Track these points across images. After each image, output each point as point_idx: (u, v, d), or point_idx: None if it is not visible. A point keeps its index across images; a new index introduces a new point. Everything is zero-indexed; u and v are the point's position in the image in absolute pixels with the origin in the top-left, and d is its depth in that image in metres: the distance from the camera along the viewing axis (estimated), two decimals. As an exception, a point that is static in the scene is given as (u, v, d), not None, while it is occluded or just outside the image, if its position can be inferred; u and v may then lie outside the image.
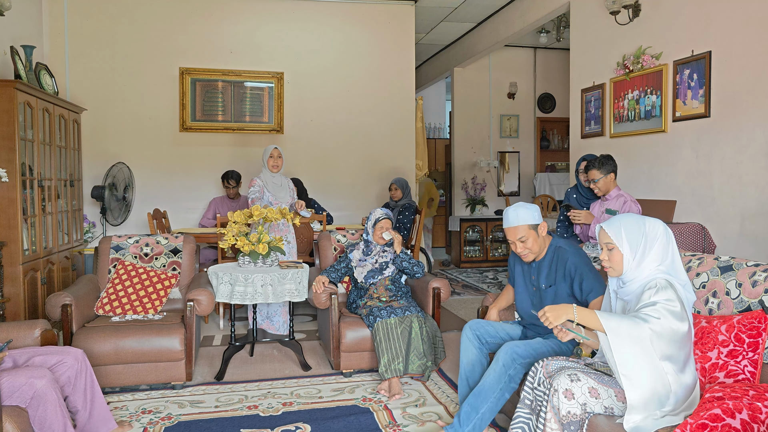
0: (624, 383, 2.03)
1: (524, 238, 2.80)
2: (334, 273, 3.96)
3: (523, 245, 2.81)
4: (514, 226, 2.81)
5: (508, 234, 2.84)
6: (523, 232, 2.80)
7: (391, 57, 6.93)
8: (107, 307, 3.74)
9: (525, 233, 2.80)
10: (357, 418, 3.09)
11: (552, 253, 2.85)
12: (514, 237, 2.82)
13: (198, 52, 6.40)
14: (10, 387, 2.31)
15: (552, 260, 2.84)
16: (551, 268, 2.84)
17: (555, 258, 2.83)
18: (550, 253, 2.86)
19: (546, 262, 2.86)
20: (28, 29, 5.50)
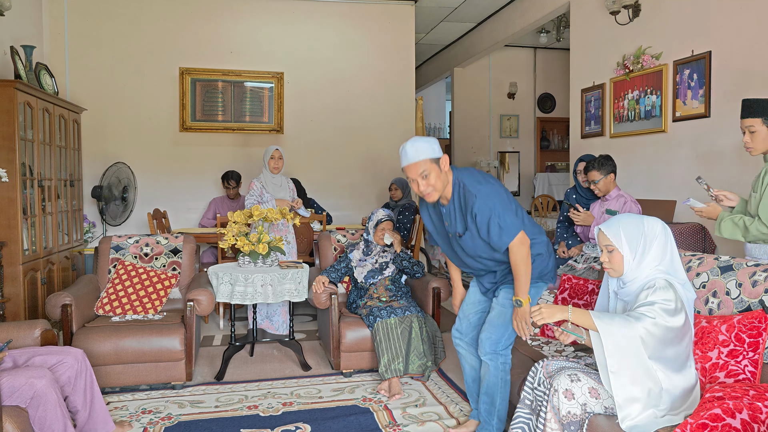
0: (612, 381, 2.03)
1: (426, 172, 2.54)
2: (334, 273, 3.96)
3: (426, 182, 2.54)
4: (414, 162, 2.55)
5: (408, 172, 2.59)
6: (425, 166, 2.54)
7: (391, 57, 6.92)
8: (107, 307, 3.74)
9: (427, 167, 2.55)
10: (357, 418, 3.09)
11: (458, 194, 2.61)
12: (415, 174, 2.55)
13: (198, 52, 6.40)
14: (10, 387, 2.31)
15: (460, 203, 2.61)
16: (461, 211, 2.62)
17: (462, 199, 2.60)
18: (456, 193, 2.62)
19: (455, 205, 2.63)
20: (28, 29, 5.50)
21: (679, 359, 2.10)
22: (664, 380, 2.06)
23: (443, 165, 2.58)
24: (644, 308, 2.07)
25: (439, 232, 2.83)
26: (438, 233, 2.84)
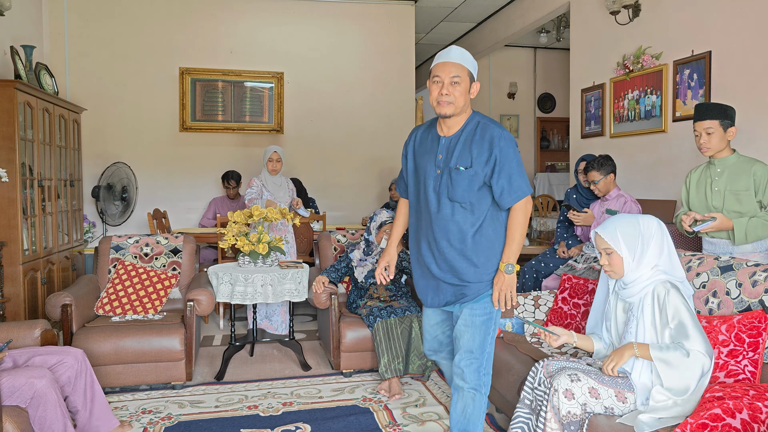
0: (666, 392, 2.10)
1: (458, 80, 2.21)
2: (334, 273, 3.96)
3: (452, 89, 2.21)
4: (453, 61, 2.23)
5: (438, 70, 2.24)
6: (461, 73, 2.22)
7: (391, 57, 6.92)
8: (107, 307, 3.74)
9: (462, 76, 2.23)
10: (357, 418, 3.09)
11: (473, 129, 2.27)
12: (446, 74, 2.22)
13: (198, 52, 6.40)
14: (10, 387, 2.31)
15: (471, 136, 2.26)
16: (468, 145, 2.26)
17: (476, 134, 2.25)
18: (470, 127, 2.28)
19: (463, 137, 2.27)
20: (28, 29, 5.50)
21: None
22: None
23: (473, 90, 2.30)
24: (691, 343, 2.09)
25: (417, 170, 2.39)
26: (414, 173, 2.42)
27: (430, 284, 2.40)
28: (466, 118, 2.30)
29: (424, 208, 2.34)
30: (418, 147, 2.40)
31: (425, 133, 2.41)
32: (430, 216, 2.32)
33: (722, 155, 2.97)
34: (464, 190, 2.25)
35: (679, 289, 2.16)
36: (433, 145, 2.33)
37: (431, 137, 2.36)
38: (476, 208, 2.27)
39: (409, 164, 2.45)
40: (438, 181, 2.29)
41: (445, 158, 2.28)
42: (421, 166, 2.35)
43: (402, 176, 2.54)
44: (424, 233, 2.35)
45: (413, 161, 2.42)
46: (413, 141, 2.45)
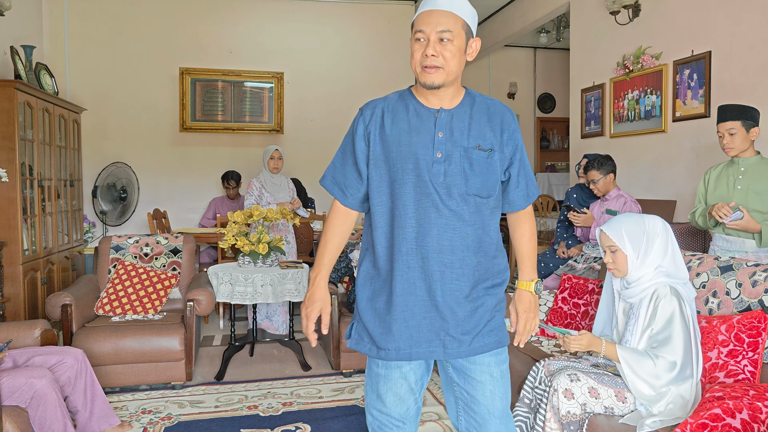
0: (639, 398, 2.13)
1: (449, 36, 1.62)
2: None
3: (441, 48, 1.62)
4: (441, 9, 1.63)
5: (422, 23, 1.64)
6: (452, 26, 1.62)
7: (391, 57, 6.92)
8: (107, 307, 3.74)
9: (453, 30, 1.63)
10: (357, 418, 3.09)
11: (479, 103, 1.73)
12: (431, 28, 1.62)
13: (198, 52, 6.40)
14: (10, 387, 2.31)
15: (475, 110, 1.71)
16: (483, 121, 1.70)
17: (484, 109, 1.71)
18: (471, 100, 1.72)
19: (469, 112, 1.70)
20: (28, 29, 5.50)
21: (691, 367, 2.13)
22: (683, 393, 2.10)
23: (471, 49, 1.70)
24: (664, 350, 2.11)
25: (393, 158, 1.68)
26: (385, 161, 1.70)
27: (419, 325, 1.67)
28: (463, 92, 1.73)
29: (412, 212, 1.64)
30: (391, 125, 1.69)
31: (397, 105, 1.72)
32: (426, 222, 1.64)
33: (746, 155, 2.99)
34: (488, 179, 1.67)
35: (680, 295, 2.16)
36: (423, 121, 1.68)
37: (413, 111, 1.70)
38: (496, 206, 1.73)
39: (373, 150, 1.70)
40: (442, 168, 1.64)
41: (449, 136, 1.65)
42: (404, 150, 1.66)
43: (342, 171, 1.77)
44: (412, 250, 1.65)
45: (380, 145, 1.69)
46: (373, 118, 1.72)
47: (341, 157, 1.80)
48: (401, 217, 1.67)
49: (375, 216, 1.72)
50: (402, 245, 1.66)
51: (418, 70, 1.66)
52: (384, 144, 1.70)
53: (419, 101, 1.72)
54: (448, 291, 1.65)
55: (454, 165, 1.65)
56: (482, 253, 1.69)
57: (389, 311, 1.68)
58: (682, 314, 2.12)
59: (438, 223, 1.64)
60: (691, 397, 2.11)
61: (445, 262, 1.65)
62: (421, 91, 1.72)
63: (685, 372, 2.09)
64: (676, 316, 2.11)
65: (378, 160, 1.71)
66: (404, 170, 1.66)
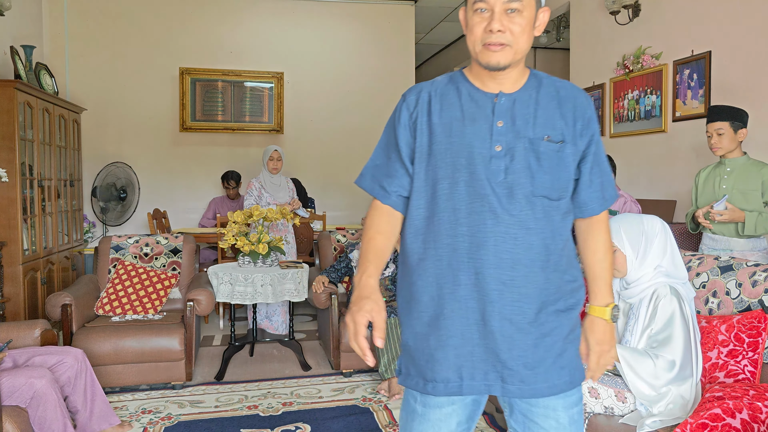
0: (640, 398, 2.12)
1: (519, 5, 1.34)
2: (334, 273, 3.96)
3: (510, 20, 1.34)
4: None
5: None
6: None
7: (391, 57, 6.92)
8: (107, 307, 3.74)
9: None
10: (357, 418, 3.09)
11: (538, 85, 1.43)
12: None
13: (198, 52, 6.40)
14: (10, 387, 2.31)
15: (542, 94, 1.42)
16: (545, 106, 1.40)
17: (548, 92, 1.42)
18: (532, 82, 1.43)
19: (529, 94, 1.41)
20: (28, 29, 5.50)
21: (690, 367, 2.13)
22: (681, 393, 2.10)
23: (539, 21, 1.41)
24: (664, 350, 2.12)
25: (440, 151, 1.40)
26: (429, 156, 1.42)
27: (471, 353, 1.37)
28: (528, 73, 1.44)
29: (464, 218, 1.36)
30: (440, 113, 1.42)
31: (447, 90, 1.45)
32: (481, 230, 1.35)
33: (733, 155, 3.09)
34: (559, 176, 1.38)
35: (680, 295, 2.16)
36: (479, 107, 1.40)
37: (467, 95, 1.42)
38: (568, 211, 1.44)
39: (420, 142, 1.43)
40: (502, 163, 1.35)
41: (511, 125, 1.37)
42: (455, 142, 1.38)
43: (385, 168, 1.52)
44: (463, 265, 1.36)
45: (427, 136, 1.42)
46: (419, 104, 1.46)
47: (383, 151, 1.54)
48: (450, 224, 1.37)
49: (415, 222, 1.43)
50: (451, 258, 1.37)
51: (478, 48, 1.37)
52: (431, 135, 1.41)
53: (473, 85, 1.43)
54: (507, 315, 1.35)
55: (518, 160, 1.35)
56: (551, 268, 1.38)
57: (436, 336, 1.39)
58: (682, 314, 2.12)
59: (496, 232, 1.34)
60: (691, 397, 2.11)
61: (504, 279, 1.34)
62: (476, 72, 1.43)
63: (685, 372, 2.09)
64: (676, 316, 2.11)
65: (423, 155, 1.42)
66: (455, 167, 1.37)
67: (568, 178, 1.40)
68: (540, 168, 1.36)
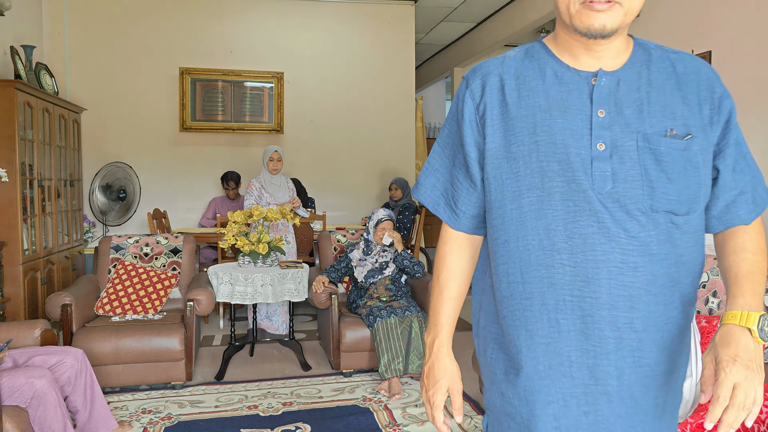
0: None
1: None
2: (334, 273, 3.96)
3: None
4: None
5: None
6: None
7: (391, 57, 6.92)
8: (107, 307, 3.74)
9: None
10: (357, 418, 3.09)
11: (647, 58, 1.09)
12: None
13: (198, 52, 6.40)
14: (10, 387, 2.31)
15: (655, 70, 1.08)
16: (660, 87, 1.06)
17: (662, 68, 1.08)
18: (639, 55, 1.09)
19: (637, 71, 1.07)
20: (28, 29, 5.50)
21: None
22: None
23: None
24: None
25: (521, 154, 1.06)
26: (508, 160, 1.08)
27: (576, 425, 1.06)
28: (632, 44, 1.10)
29: (562, 241, 1.03)
30: (517, 102, 1.08)
31: (525, 69, 1.09)
32: (588, 257, 1.02)
33: None
34: (687, 183, 1.04)
35: None
36: (571, 91, 1.06)
37: (553, 76, 1.07)
38: (699, 226, 1.10)
39: (491, 143, 1.09)
40: (608, 167, 1.02)
41: (616, 115, 1.03)
42: (542, 141, 1.05)
43: (448, 178, 1.17)
44: (565, 304, 1.04)
45: (500, 134, 1.08)
46: (488, 91, 1.10)
47: (442, 154, 1.18)
48: (542, 250, 1.04)
49: (495, 246, 1.10)
50: (546, 295, 1.04)
51: (574, 7, 1.01)
52: (508, 133, 1.06)
53: (561, 60, 1.08)
54: (627, 368, 1.03)
55: (629, 164, 1.01)
56: (687, 304, 1.08)
57: (529, 402, 1.06)
58: None
59: (609, 260, 1.00)
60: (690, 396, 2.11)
61: (620, 323, 1.01)
62: (565, 43, 1.08)
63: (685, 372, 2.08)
64: None
65: (499, 159, 1.07)
66: (545, 174, 1.03)
67: (699, 185, 1.04)
68: (661, 174, 1.01)
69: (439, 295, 1.18)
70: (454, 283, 1.18)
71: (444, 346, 1.16)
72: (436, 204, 1.19)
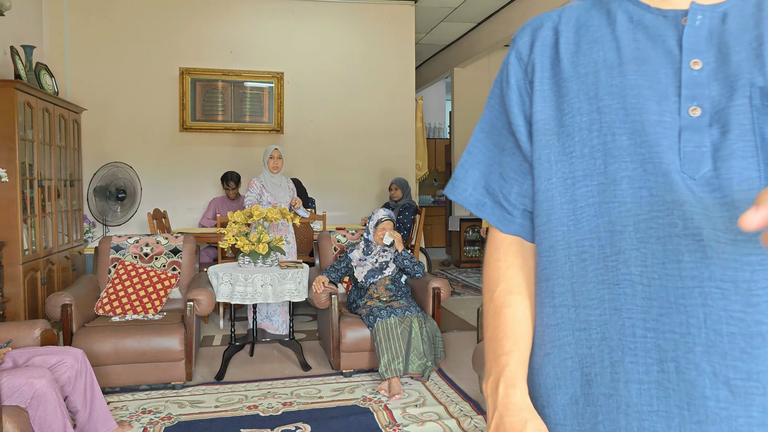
0: None
1: None
2: (334, 273, 3.96)
3: None
4: None
5: None
6: None
7: (391, 57, 6.92)
8: (107, 307, 3.74)
9: None
10: (357, 418, 3.09)
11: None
12: None
13: (198, 52, 6.40)
14: (10, 387, 2.31)
15: None
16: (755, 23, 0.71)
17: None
18: None
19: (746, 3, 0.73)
20: (28, 29, 5.50)
21: None
22: None
23: None
24: None
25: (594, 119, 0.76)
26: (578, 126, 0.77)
27: None
28: None
29: (633, 243, 0.73)
30: (574, 57, 0.81)
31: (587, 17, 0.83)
32: (674, 268, 0.69)
33: None
34: None
35: None
36: (652, 39, 0.76)
37: (626, 20, 0.79)
38: None
39: (539, 112, 0.82)
40: (705, 139, 0.71)
41: (718, 65, 0.73)
42: (607, 108, 0.76)
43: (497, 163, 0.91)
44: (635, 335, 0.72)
45: (553, 102, 0.81)
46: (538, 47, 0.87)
47: (486, 141, 0.92)
48: (603, 260, 0.74)
49: (538, 256, 0.84)
50: (608, 326, 0.74)
51: None
52: (560, 99, 0.80)
53: (639, 0, 0.79)
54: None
55: (736, 133, 0.70)
56: None
57: None
58: None
59: (705, 277, 0.68)
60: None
61: (728, 377, 0.66)
62: None
63: None
64: None
65: (546, 134, 0.81)
66: (608, 152, 0.75)
67: None
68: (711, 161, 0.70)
69: (497, 317, 0.84)
70: (516, 298, 0.85)
71: (515, 388, 0.78)
72: (481, 205, 0.90)
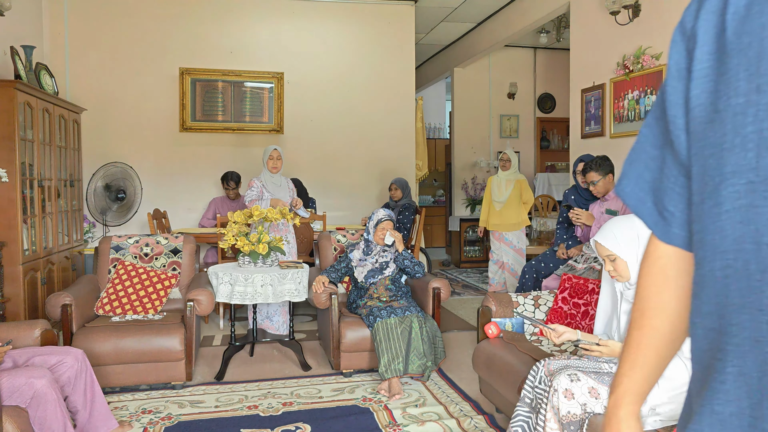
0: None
1: None
2: (334, 273, 3.96)
3: None
4: None
5: None
6: None
7: (391, 57, 6.92)
8: (107, 307, 3.74)
9: None
10: (357, 418, 3.09)
11: None
12: None
13: (198, 52, 6.40)
14: (10, 387, 2.31)
15: None
16: None
17: None
18: None
19: None
20: (28, 29, 5.49)
21: None
22: None
23: None
24: None
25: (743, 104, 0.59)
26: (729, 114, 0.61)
27: None
28: None
29: None
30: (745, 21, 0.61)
31: None
32: None
33: None
34: None
35: None
36: None
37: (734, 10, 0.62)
38: None
39: (697, 97, 0.66)
40: None
41: None
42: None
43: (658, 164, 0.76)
44: None
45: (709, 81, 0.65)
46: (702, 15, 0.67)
47: (655, 127, 0.78)
48: (749, 278, 0.61)
49: (695, 269, 0.70)
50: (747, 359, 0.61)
51: None
52: (719, 77, 0.64)
53: None
54: None
55: None
56: None
57: None
58: None
59: None
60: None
61: None
62: None
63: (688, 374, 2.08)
64: None
65: (702, 123, 0.67)
66: (763, 143, 0.60)
67: None
68: None
69: (639, 333, 0.78)
70: (661, 321, 0.79)
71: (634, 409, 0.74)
72: (641, 203, 0.78)
